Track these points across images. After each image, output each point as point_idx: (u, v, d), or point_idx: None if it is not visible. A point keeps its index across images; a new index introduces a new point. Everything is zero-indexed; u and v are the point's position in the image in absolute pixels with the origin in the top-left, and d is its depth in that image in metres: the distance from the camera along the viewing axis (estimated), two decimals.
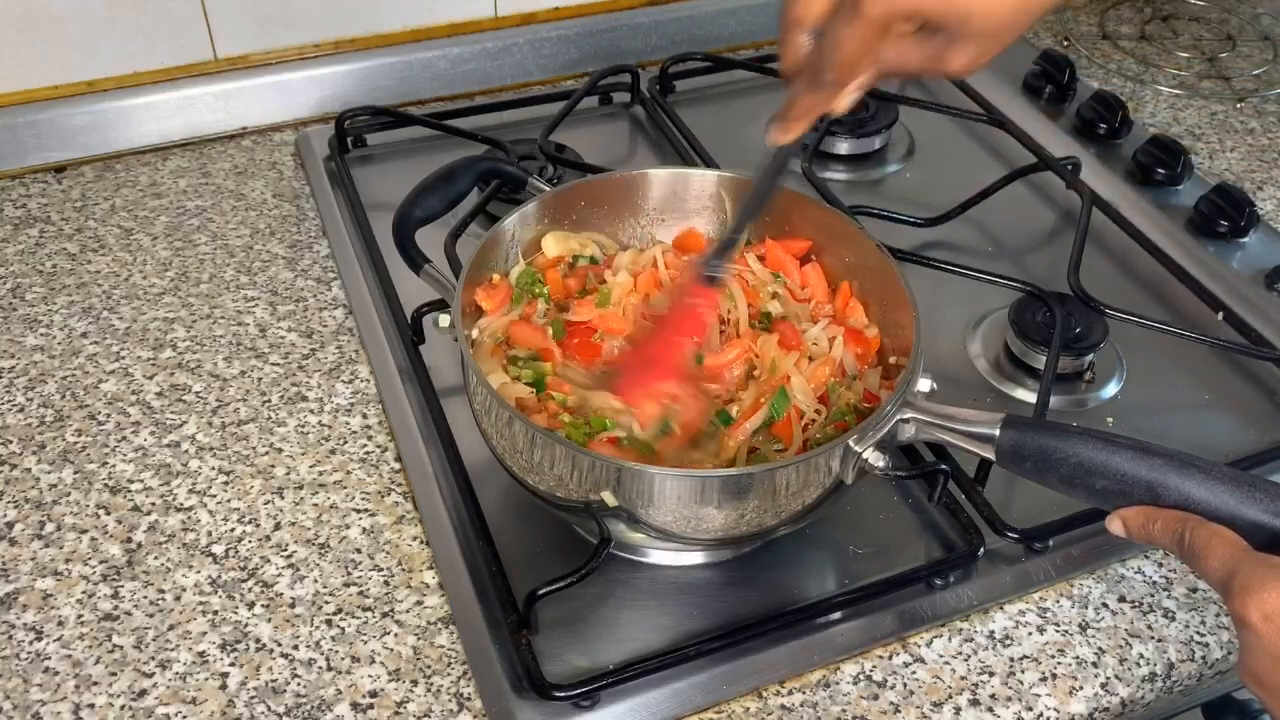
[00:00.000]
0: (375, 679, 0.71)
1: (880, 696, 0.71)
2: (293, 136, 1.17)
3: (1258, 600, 0.54)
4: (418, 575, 0.77)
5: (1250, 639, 0.55)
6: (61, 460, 0.84)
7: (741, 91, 1.26)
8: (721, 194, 0.87)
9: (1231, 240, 1.05)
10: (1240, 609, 0.55)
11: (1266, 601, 0.54)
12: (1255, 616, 0.54)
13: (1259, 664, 0.55)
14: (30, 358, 0.92)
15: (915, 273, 0.89)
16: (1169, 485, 0.60)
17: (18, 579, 0.76)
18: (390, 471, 0.84)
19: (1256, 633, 0.54)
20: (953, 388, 0.90)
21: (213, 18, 1.14)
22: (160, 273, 1.00)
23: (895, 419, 0.69)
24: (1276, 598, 0.54)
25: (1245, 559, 0.56)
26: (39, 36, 1.09)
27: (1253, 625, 0.54)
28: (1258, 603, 0.54)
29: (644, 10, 1.29)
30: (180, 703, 0.69)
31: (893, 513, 0.82)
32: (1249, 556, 0.56)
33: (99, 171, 1.12)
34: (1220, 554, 0.57)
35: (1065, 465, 0.63)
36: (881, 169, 1.15)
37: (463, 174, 0.88)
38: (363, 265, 0.99)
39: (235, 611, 0.74)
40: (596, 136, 1.17)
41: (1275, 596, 0.54)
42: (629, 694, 0.69)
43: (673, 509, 0.67)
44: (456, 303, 0.75)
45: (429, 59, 1.22)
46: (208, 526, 0.80)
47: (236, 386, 0.90)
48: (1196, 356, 0.95)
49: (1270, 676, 0.55)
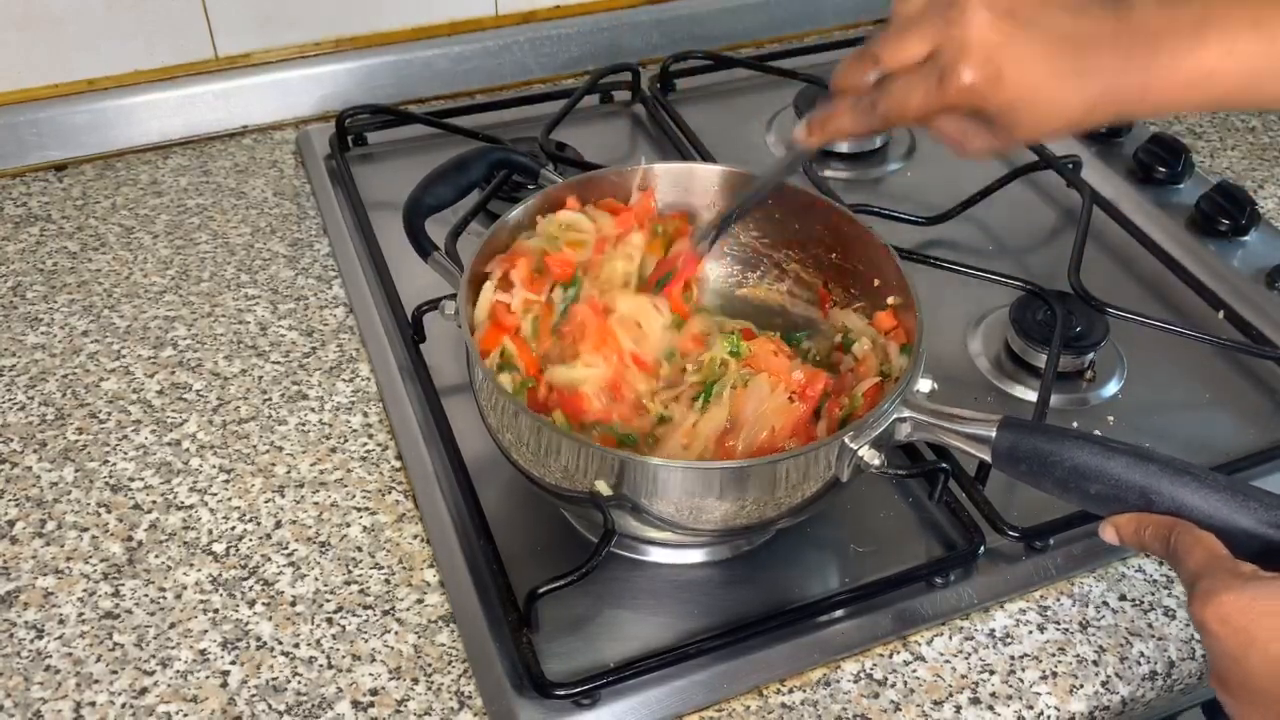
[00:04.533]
0: (376, 677, 0.71)
1: (881, 695, 0.71)
2: (293, 135, 1.17)
3: (1215, 604, 0.54)
4: (418, 574, 0.77)
5: (1210, 643, 0.55)
6: (62, 459, 0.84)
7: (742, 90, 1.26)
8: (726, 189, 0.87)
9: (1232, 239, 1.05)
10: (1199, 613, 0.55)
11: (1222, 605, 0.54)
12: (1211, 620, 0.54)
13: (1220, 667, 0.56)
14: (31, 356, 0.92)
15: (916, 271, 0.89)
16: (1163, 491, 0.60)
17: (19, 577, 0.76)
18: (391, 470, 0.84)
19: (1214, 636, 0.55)
20: (953, 386, 0.90)
21: (213, 16, 1.14)
22: (161, 271, 1.00)
23: (892, 417, 0.69)
24: (1231, 600, 0.54)
25: (1215, 565, 0.56)
26: (39, 35, 1.09)
27: (1210, 629, 0.55)
28: (1214, 606, 0.54)
29: (645, 8, 1.29)
30: (181, 701, 0.69)
31: (893, 511, 0.82)
32: (1219, 563, 0.56)
33: (99, 170, 1.12)
34: (1196, 559, 0.57)
35: (1060, 469, 0.63)
36: (882, 167, 1.15)
37: (475, 163, 0.88)
38: (363, 263, 0.99)
39: (236, 610, 0.74)
40: (597, 135, 1.17)
41: (1229, 599, 0.54)
42: (630, 692, 0.69)
43: (675, 500, 0.67)
44: (462, 293, 0.75)
45: (430, 57, 1.22)
46: (208, 525, 0.80)
47: (237, 385, 0.90)
48: (1197, 355, 0.95)
49: (1230, 679, 0.55)
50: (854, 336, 0.80)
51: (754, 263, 0.89)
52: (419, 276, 0.87)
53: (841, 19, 1.37)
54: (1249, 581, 0.54)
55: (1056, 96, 0.62)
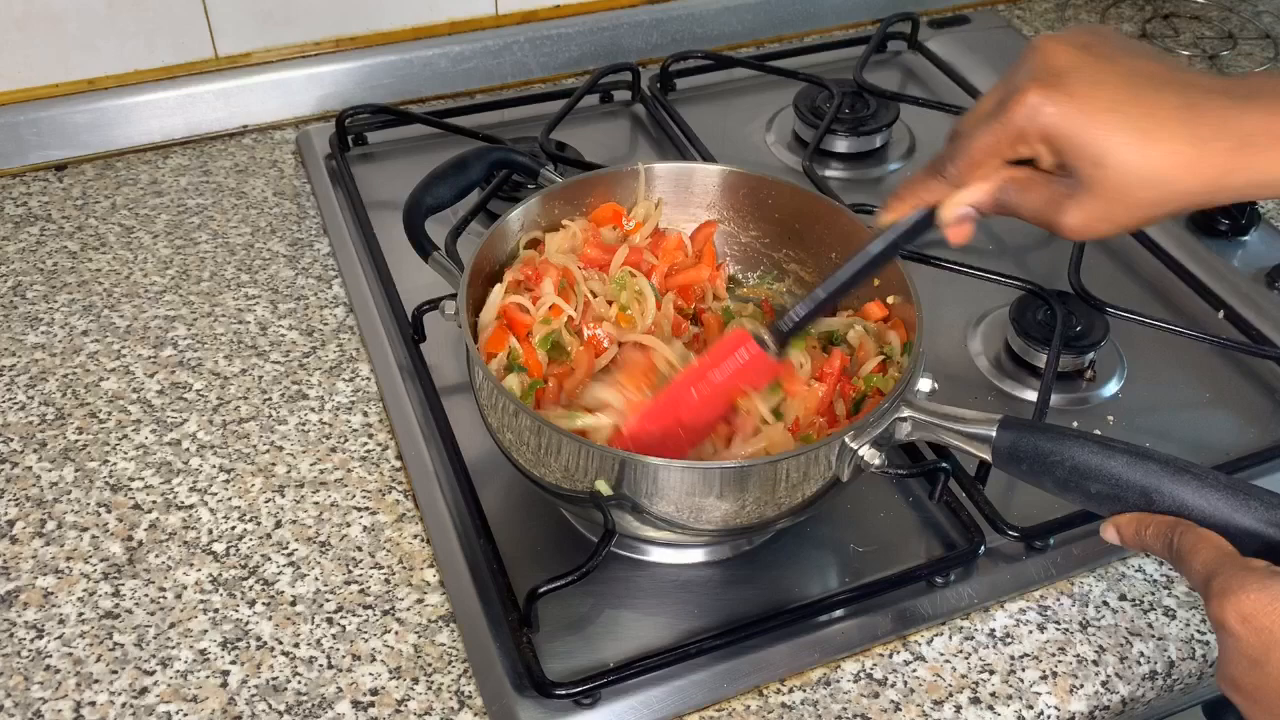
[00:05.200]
0: (376, 677, 0.71)
1: (881, 695, 0.71)
2: (293, 134, 1.17)
3: (1235, 602, 0.53)
4: (418, 573, 0.77)
5: (1227, 642, 0.54)
6: (62, 458, 0.84)
7: (742, 89, 1.26)
8: (727, 188, 0.87)
9: (1232, 238, 1.05)
10: (1218, 611, 0.54)
11: (1244, 603, 0.53)
12: (1232, 619, 0.53)
13: (1235, 668, 0.54)
14: (31, 356, 0.92)
15: (916, 271, 0.88)
16: (1163, 491, 0.60)
17: (19, 577, 0.76)
18: (391, 470, 0.84)
19: (1233, 635, 0.53)
20: (953, 386, 0.90)
21: (213, 16, 1.14)
22: (161, 271, 1.00)
23: (892, 417, 0.69)
24: (1253, 599, 0.53)
25: (1227, 562, 0.55)
26: (39, 35, 1.09)
27: (1229, 628, 0.53)
28: (1235, 604, 0.53)
29: (645, 8, 1.29)
30: (181, 701, 0.69)
31: (893, 511, 0.82)
32: (1231, 560, 0.55)
33: (100, 170, 1.12)
34: (1204, 557, 0.56)
35: (1060, 468, 0.63)
36: (882, 167, 1.15)
37: (475, 163, 0.88)
38: (363, 263, 0.99)
39: (236, 610, 0.74)
40: (597, 134, 1.17)
41: (1252, 598, 0.53)
42: (630, 692, 0.69)
43: (675, 499, 0.68)
44: (462, 292, 0.75)
45: (430, 57, 1.22)
46: (208, 525, 0.80)
47: (237, 384, 0.90)
48: (1197, 355, 0.95)
49: (1247, 680, 0.54)
50: (842, 330, 0.81)
51: (754, 263, 0.89)
52: (419, 276, 0.87)
53: (841, 19, 1.37)
54: (1270, 578, 0.53)
55: (1150, 128, 0.55)
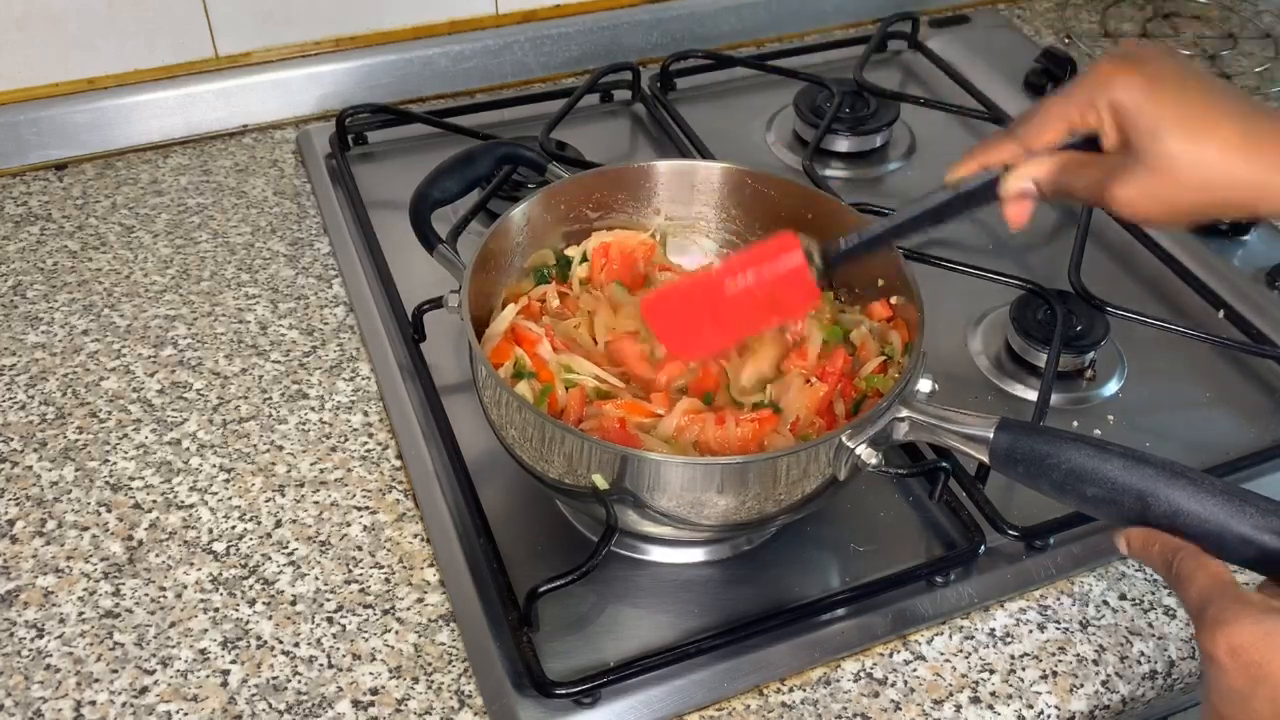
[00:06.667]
0: (376, 676, 0.71)
1: (881, 694, 0.71)
2: (294, 134, 1.17)
3: (1226, 634, 0.52)
4: (419, 573, 0.77)
5: (1215, 674, 0.53)
6: (63, 458, 0.84)
7: (742, 89, 1.26)
8: (731, 186, 0.87)
9: (1233, 238, 1.05)
10: (1209, 642, 0.53)
11: (1235, 636, 0.52)
12: (1222, 651, 0.52)
13: (1221, 700, 0.53)
14: (31, 355, 0.92)
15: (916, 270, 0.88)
16: (1159, 495, 0.59)
17: (19, 576, 0.76)
18: (391, 469, 0.84)
19: (1221, 668, 0.53)
20: (953, 385, 0.90)
21: (213, 15, 1.14)
22: (161, 270, 1.00)
23: (890, 417, 0.69)
24: (1246, 633, 0.52)
25: (1223, 592, 0.54)
26: (39, 34, 1.09)
27: (1218, 660, 0.53)
28: (1226, 636, 0.52)
29: (645, 8, 1.29)
30: (181, 700, 0.69)
31: (893, 510, 0.82)
32: (1227, 591, 0.54)
33: (100, 169, 1.12)
34: (1200, 584, 0.55)
35: (1057, 471, 0.63)
36: (883, 166, 1.15)
37: (483, 157, 0.88)
38: (364, 263, 0.99)
39: (236, 609, 0.74)
40: (597, 134, 1.17)
41: (1245, 632, 0.52)
42: (630, 691, 0.69)
43: (676, 494, 0.68)
44: (465, 286, 0.75)
45: (430, 56, 1.22)
46: (209, 524, 0.80)
47: (237, 384, 0.90)
48: (1197, 354, 0.95)
49: (1230, 714, 0.53)
50: (848, 326, 0.81)
51: None
52: (419, 275, 0.87)
53: (842, 18, 1.37)
54: (1264, 613, 0.52)
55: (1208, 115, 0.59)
